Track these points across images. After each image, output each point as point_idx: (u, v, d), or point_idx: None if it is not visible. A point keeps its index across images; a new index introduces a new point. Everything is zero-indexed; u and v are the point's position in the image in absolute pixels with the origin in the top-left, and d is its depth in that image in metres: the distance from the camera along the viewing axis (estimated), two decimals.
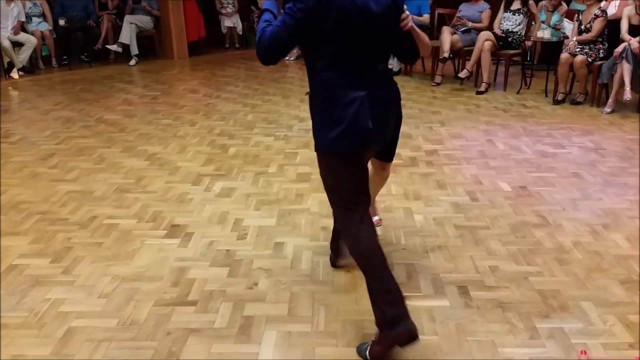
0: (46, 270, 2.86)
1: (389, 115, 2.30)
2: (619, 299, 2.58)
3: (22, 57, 7.81)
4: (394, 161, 4.32)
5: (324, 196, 3.74)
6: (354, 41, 2.11)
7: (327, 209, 3.54)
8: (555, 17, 6.89)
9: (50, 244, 3.13)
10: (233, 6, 9.77)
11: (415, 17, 6.89)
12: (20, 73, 7.84)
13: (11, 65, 7.85)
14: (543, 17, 6.90)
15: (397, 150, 4.65)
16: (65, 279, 2.77)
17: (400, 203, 3.63)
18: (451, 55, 6.90)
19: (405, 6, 2.26)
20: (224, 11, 9.74)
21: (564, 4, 7.03)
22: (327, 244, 3.10)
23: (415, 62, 2.71)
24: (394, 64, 7.46)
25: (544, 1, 7.03)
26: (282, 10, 2.14)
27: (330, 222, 3.36)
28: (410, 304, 2.54)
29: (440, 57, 6.82)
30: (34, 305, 2.55)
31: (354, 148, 2.18)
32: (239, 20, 9.84)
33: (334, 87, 2.14)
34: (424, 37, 2.38)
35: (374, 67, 2.20)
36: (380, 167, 2.82)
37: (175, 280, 2.76)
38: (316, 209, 3.55)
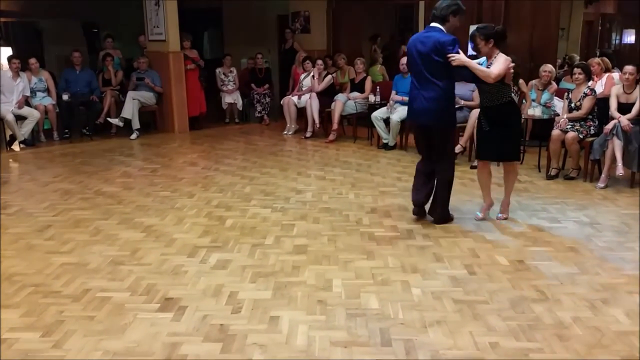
0: (36, 344, 2.79)
1: (423, 107, 4.40)
2: None
3: (24, 130, 7.96)
4: (389, 233, 4.33)
5: (321, 268, 3.74)
6: (412, 67, 4.53)
7: (324, 281, 3.52)
8: (545, 96, 7.11)
9: (41, 317, 3.07)
10: (234, 83, 10.08)
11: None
12: (22, 146, 7.97)
13: (13, 138, 7.99)
14: (533, 95, 7.12)
15: (394, 223, 4.64)
16: (55, 354, 2.70)
17: (398, 276, 3.60)
18: None
19: (450, 50, 4.20)
20: (225, 88, 10.03)
21: (553, 82, 7.27)
22: (324, 317, 3.06)
23: (486, 82, 4.30)
24: (389, 139, 7.62)
25: (534, 80, 7.28)
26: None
27: (326, 295, 3.33)
28: None
29: None
30: None
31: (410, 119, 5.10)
32: (239, 97, 10.11)
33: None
34: (479, 70, 4.24)
35: (423, 82, 4.36)
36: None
37: (167, 356, 2.69)
38: (313, 282, 3.52)
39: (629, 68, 5.81)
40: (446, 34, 4.30)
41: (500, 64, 4.26)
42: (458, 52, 4.21)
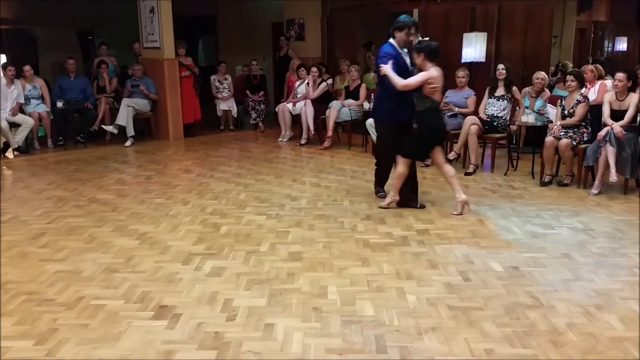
0: (29, 352, 2.77)
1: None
2: None
3: (18, 137, 7.93)
4: (384, 240, 4.35)
5: (316, 275, 3.74)
6: None
7: (319, 288, 3.52)
8: (538, 103, 7.14)
9: (35, 325, 3.05)
10: (229, 91, 10.09)
11: None
12: (15, 153, 7.94)
13: (7, 145, 7.95)
14: (527, 102, 7.15)
15: (389, 229, 4.67)
16: None
17: (393, 283, 3.60)
18: None
19: (378, 61, 5.02)
20: (219, 95, 10.04)
21: (546, 90, 7.31)
22: (319, 324, 3.05)
23: (413, 90, 4.93)
24: None
25: (527, 88, 7.32)
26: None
27: (321, 302, 3.33)
28: None
29: None
30: None
31: None
32: (234, 104, 10.12)
33: None
34: (392, 79, 4.88)
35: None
36: None
37: None
38: (308, 289, 3.51)
39: (619, 75, 5.85)
40: (388, 48, 5.08)
41: (417, 76, 4.89)
42: (386, 64, 4.93)
